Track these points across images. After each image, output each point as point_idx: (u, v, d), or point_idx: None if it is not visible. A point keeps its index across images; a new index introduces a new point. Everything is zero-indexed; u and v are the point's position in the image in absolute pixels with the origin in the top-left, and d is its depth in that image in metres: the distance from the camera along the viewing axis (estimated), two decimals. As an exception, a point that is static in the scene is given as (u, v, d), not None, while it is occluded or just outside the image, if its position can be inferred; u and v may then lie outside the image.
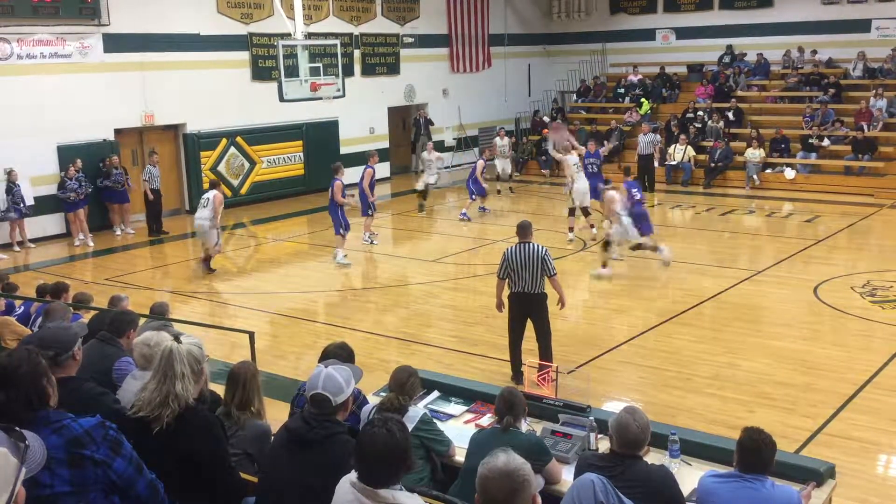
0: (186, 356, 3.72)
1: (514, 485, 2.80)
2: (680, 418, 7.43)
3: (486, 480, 2.84)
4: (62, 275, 12.93)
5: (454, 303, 11.89)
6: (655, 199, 20.15)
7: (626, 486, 3.87)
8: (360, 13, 22.23)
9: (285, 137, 20.48)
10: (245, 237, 17.10)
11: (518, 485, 2.81)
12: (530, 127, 25.97)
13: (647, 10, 26.18)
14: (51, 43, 16.20)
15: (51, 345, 3.86)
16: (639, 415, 4.20)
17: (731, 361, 9.12)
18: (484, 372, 8.79)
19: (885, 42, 22.43)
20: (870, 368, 8.78)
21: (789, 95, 22.72)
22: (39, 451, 2.44)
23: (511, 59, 26.83)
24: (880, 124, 20.56)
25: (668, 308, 11.08)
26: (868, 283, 11.95)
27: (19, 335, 7.40)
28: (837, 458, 5.86)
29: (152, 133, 18.49)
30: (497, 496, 2.80)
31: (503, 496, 2.80)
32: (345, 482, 3.29)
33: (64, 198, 15.92)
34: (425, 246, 15.96)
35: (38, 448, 2.44)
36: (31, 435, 2.46)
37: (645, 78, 25.39)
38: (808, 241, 14.86)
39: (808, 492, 4.45)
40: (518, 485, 2.81)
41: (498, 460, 2.86)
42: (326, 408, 3.79)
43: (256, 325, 10.35)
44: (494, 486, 2.80)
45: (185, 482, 3.65)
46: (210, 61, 18.74)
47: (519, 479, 2.82)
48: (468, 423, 5.61)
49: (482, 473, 2.86)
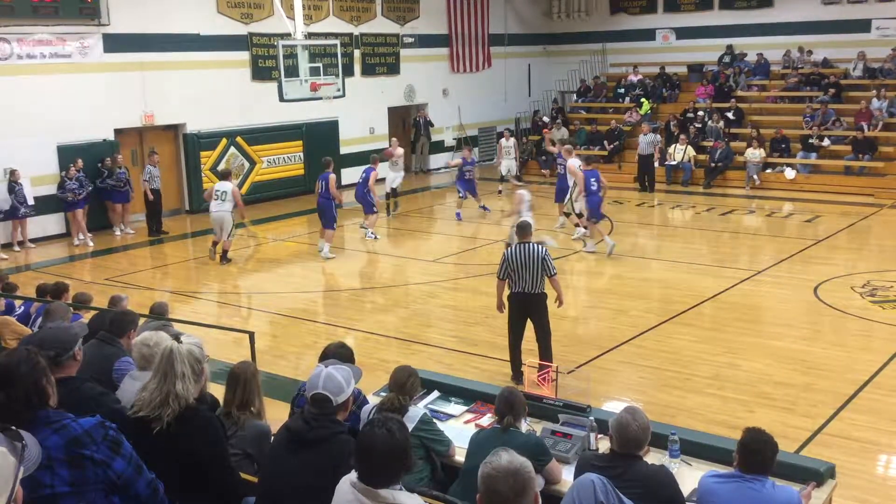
0: (187, 356, 3.72)
1: (519, 483, 2.80)
2: (680, 418, 7.43)
3: (490, 479, 2.83)
4: (62, 275, 12.94)
5: (454, 303, 11.89)
6: (655, 198, 20.16)
7: (626, 487, 3.87)
8: (360, 13, 22.23)
9: (285, 137, 20.48)
10: (245, 237, 17.09)
11: (523, 482, 2.81)
12: (530, 127, 25.97)
13: (647, 10, 26.18)
14: (51, 43, 16.20)
15: (51, 345, 3.86)
16: (639, 415, 4.20)
17: (731, 361, 9.11)
18: (484, 372, 8.79)
19: (886, 42, 22.42)
20: (870, 368, 8.78)
21: (789, 95, 22.72)
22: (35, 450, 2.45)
23: (511, 59, 26.83)
24: (880, 124, 20.56)
25: (668, 308, 11.08)
26: (868, 283, 11.95)
27: (19, 335, 7.40)
28: (837, 458, 5.86)
29: (152, 133, 18.49)
30: (503, 494, 2.79)
31: (510, 494, 2.79)
32: (345, 482, 3.29)
33: (63, 197, 15.92)
34: (425, 246, 15.97)
35: (33, 448, 2.44)
36: (26, 435, 2.46)
37: (645, 78, 25.40)
38: (808, 241, 14.86)
39: (808, 492, 4.45)
40: (523, 482, 2.81)
41: (501, 459, 2.85)
42: (327, 408, 3.79)
43: (256, 325, 10.36)
44: (500, 485, 2.80)
45: (185, 482, 3.65)
46: (210, 61, 18.74)
47: (523, 476, 2.82)
48: (468, 423, 5.61)
49: (486, 472, 2.85)
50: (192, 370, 3.71)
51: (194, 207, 18.99)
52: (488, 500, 2.84)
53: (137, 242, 16.53)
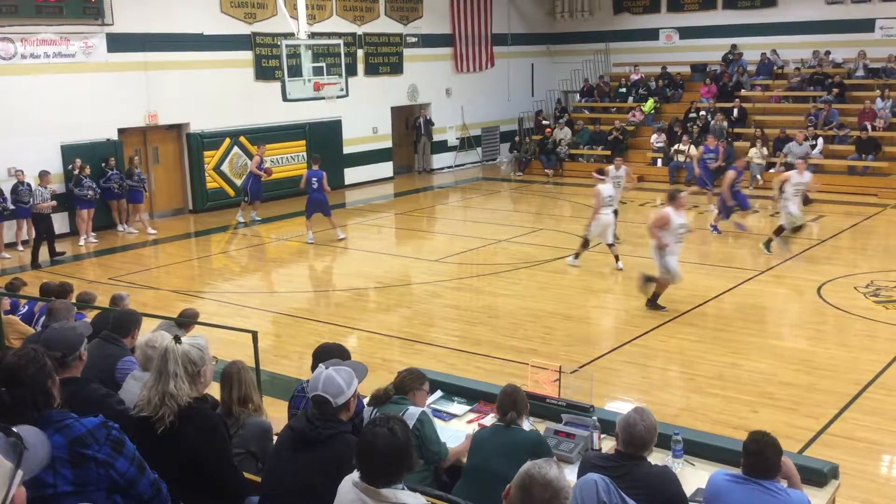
0: (181, 356, 3.72)
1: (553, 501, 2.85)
2: (683, 418, 7.42)
3: (530, 479, 2.87)
4: (66, 274, 12.96)
5: (457, 302, 11.88)
6: (658, 199, 20.13)
7: (629, 487, 3.87)
8: (363, 13, 22.23)
9: (288, 137, 20.47)
10: (248, 236, 17.10)
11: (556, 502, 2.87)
12: (533, 126, 25.96)
13: (650, 9, 26.16)
14: (55, 42, 16.22)
15: (58, 346, 3.87)
16: (647, 416, 4.18)
17: (734, 361, 9.10)
18: (487, 371, 8.78)
19: (889, 42, 22.40)
20: (874, 368, 8.77)
21: (793, 95, 22.69)
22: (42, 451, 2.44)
23: (514, 59, 26.82)
24: (883, 122, 20.51)
25: (671, 308, 11.06)
26: (872, 283, 11.93)
27: (23, 334, 7.42)
28: (841, 459, 5.84)
29: (156, 132, 18.51)
30: (535, 499, 2.85)
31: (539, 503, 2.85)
32: (347, 482, 3.30)
33: (82, 195, 15.91)
34: (428, 245, 15.97)
35: (40, 446, 2.43)
36: (35, 432, 2.45)
37: (648, 77, 25.40)
38: (811, 241, 14.84)
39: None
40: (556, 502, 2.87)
41: (550, 471, 2.89)
42: (327, 409, 3.80)
43: (259, 324, 10.35)
44: (536, 490, 2.85)
45: (189, 481, 3.66)
46: (213, 61, 18.75)
47: (559, 499, 2.86)
48: (471, 422, 5.60)
49: (530, 472, 2.89)
50: (186, 370, 3.71)
51: (197, 207, 19.00)
52: (520, 497, 2.87)
53: (139, 242, 16.52)
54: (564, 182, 22.66)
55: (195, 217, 18.82)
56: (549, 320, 10.70)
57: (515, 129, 26.53)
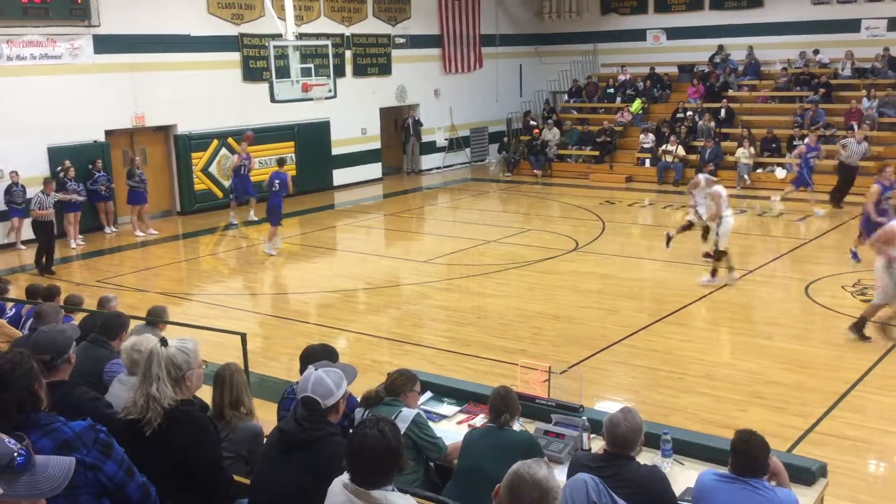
0: (165, 359, 3.72)
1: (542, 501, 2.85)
2: (672, 418, 7.44)
3: (519, 479, 2.87)
4: (54, 276, 12.89)
5: (446, 303, 11.88)
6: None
7: (619, 486, 3.88)
8: (351, 13, 22.20)
9: (277, 138, 20.41)
10: (237, 238, 17.05)
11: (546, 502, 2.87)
12: (522, 127, 26.00)
13: (637, 10, 26.23)
14: (41, 44, 16.13)
15: (47, 349, 3.86)
16: (632, 415, 4.20)
17: (723, 361, 9.14)
18: (476, 372, 8.79)
19: (875, 42, 22.54)
20: (861, 367, 8.82)
21: (780, 95, 22.80)
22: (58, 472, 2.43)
23: (502, 60, 26.85)
24: (870, 123, 20.62)
25: (660, 308, 11.10)
26: (859, 281, 12.00)
27: (10, 337, 7.37)
28: (829, 457, 5.88)
29: (143, 134, 18.44)
30: (523, 500, 2.84)
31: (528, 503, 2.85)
32: (337, 483, 3.30)
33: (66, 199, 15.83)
34: (417, 246, 15.96)
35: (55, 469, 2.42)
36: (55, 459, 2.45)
37: (636, 78, 25.48)
38: (798, 241, 14.91)
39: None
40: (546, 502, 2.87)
41: (539, 471, 2.89)
42: (316, 411, 3.80)
43: (248, 326, 10.33)
44: (524, 489, 2.85)
45: (178, 483, 3.65)
46: (201, 62, 18.69)
47: (548, 499, 2.86)
48: (461, 423, 5.61)
49: (519, 472, 2.89)
50: (169, 373, 3.70)
51: (185, 209, 18.94)
52: (509, 497, 2.87)
53: (127, 244, 16.45)
54: (553, 182, 22.70)
55: (183, 219, 18.75)
56: (538, 320, 10.72)
57: (504, 130, 26.55)
